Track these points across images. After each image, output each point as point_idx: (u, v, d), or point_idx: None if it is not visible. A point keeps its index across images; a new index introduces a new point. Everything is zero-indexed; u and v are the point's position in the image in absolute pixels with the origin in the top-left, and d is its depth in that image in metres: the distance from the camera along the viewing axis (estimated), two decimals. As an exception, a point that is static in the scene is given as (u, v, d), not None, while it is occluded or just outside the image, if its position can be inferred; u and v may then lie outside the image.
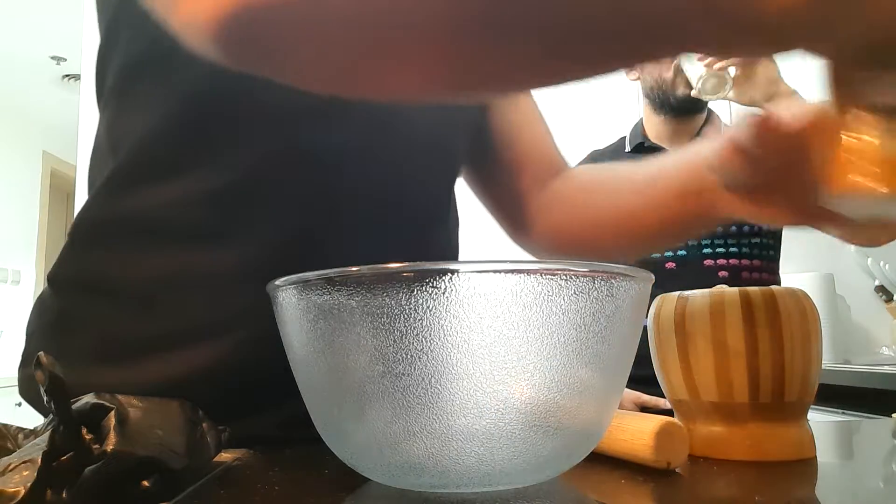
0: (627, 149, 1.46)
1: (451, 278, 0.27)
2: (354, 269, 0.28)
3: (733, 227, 1.34)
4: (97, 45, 0.54)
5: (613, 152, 1.48)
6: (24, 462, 0.27)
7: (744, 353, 0.39)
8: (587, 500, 0.34)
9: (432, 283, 0.27)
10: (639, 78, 1.43)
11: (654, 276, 0.33)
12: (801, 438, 0.40)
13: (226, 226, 0.48)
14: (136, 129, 0.50)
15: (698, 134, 1.40)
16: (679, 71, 1.32)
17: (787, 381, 0.39)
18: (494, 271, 0.28)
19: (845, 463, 0.44)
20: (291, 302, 0.31)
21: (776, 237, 1.39)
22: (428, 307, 0.28)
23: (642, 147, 1.44)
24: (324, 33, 0.31)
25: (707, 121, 1.42)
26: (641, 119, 1.48)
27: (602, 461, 0.38)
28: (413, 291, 0.28)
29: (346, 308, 0.29)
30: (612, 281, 0.30)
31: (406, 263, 0.28)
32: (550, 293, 0.28)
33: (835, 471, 0.40)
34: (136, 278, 0.48)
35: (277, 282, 0.32)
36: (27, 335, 0.52)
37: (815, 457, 0.40)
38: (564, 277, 0.28)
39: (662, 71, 1.35)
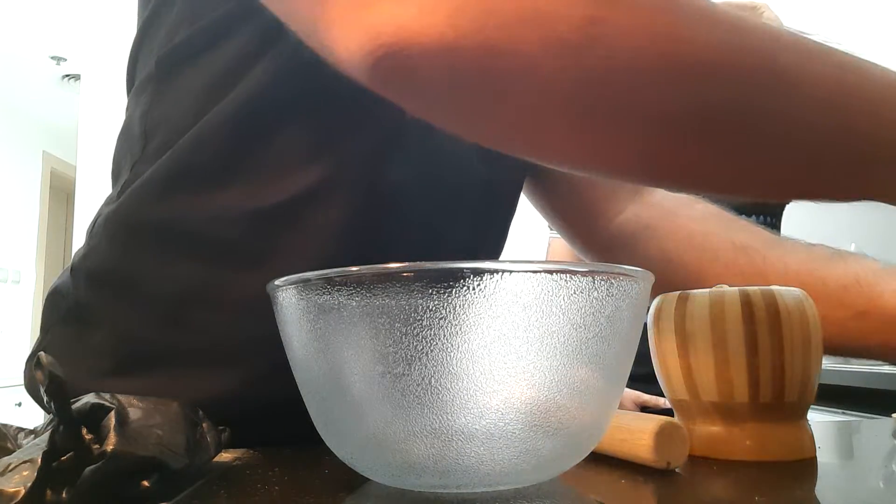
0: None
1: (450, 278, 0.27)
2: (354, 269, 0.28)
3: None
4: (133, 35, 0.53)
5: None
6: (24, 462, 0.27)
7: (744, 353, 0.39)
8: (587, 500, 0.34)
9: (432, 283, 0.27)
10: None
11: (654, 276, 0.33)
12: (801, 438, 0.40)
13: (263, 249, 0.46)
14: (176, 124, 0.47)
15: None
16: None
17: (787, 381, 0.39)
18: (494, 271, 0.28)
19: (845, 463, 0.44)
20: (291, 302, 0.31)
21: (775, 229, 1.39)
22: (428, 307, 0.28)
23: None
24: (522, 100, 0.30)
25: None
26: None
27: (602, 461, 0.38)
28: (413, 291, 0.28)
29: (346, 308, 0.29)
30: (612, 281, 0.30)
31: (406, 263, 0.28)
32: (550, 293, 0.28)
33: (835, 471, 0.40)
34: (161, 287, 0.46)
35: (277, 282, 0.32)
36: (43, 329, 0.51)
37: (815, 457, 0.40)
38: (564, 277, 0.28)
39: None
